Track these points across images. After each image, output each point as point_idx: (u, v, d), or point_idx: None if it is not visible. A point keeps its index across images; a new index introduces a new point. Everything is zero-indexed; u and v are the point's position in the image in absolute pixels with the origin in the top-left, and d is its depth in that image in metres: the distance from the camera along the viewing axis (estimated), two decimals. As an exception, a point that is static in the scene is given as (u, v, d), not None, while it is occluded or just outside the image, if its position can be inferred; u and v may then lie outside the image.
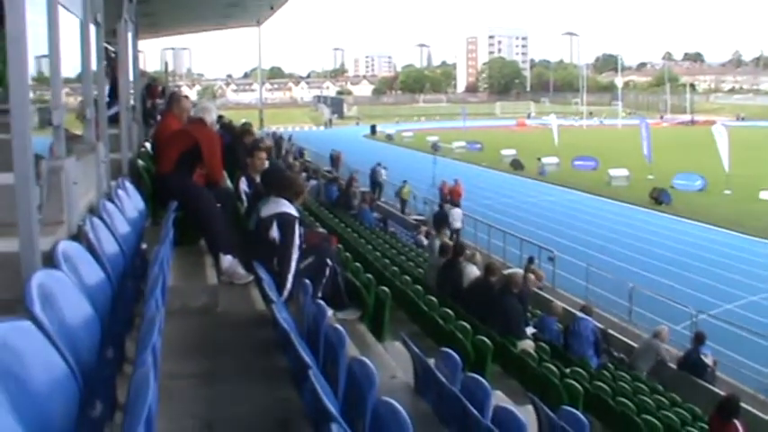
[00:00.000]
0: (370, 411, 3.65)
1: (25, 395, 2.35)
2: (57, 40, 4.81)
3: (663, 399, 14.11)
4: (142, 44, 25.25)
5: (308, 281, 6.45)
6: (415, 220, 37.92)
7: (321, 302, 5.54)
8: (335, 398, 4.00)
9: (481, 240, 32.27)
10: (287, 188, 8.15)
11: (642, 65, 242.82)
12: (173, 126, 9.32)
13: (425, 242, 28.24)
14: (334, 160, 55.37)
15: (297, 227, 7.88)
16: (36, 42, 4.86)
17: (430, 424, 5.63)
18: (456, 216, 36.02)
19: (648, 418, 11.21)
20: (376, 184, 45.77)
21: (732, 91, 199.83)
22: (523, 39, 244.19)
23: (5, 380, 2.26)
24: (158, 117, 14.04)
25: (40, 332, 2.74)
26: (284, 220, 7.82)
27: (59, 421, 2.58)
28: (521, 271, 17.69)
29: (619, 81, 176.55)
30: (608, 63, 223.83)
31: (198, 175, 8.80)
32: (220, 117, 21.40)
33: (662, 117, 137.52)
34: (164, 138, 9.18)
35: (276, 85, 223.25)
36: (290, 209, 7.94)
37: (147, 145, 11.87)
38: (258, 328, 6.10)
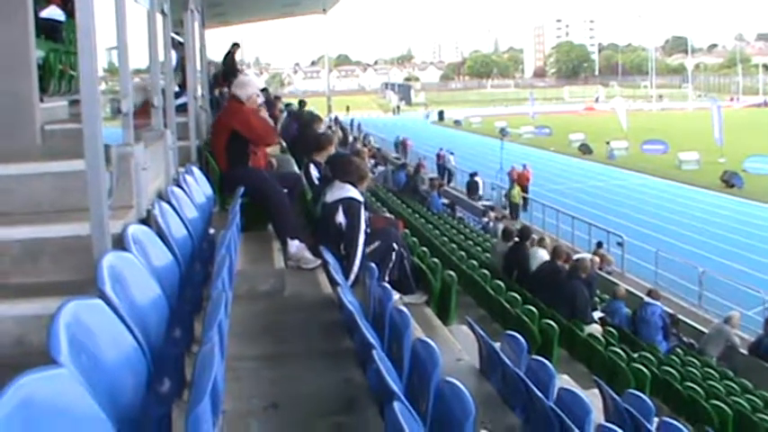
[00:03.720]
0: (434, 391, 3.69)
1: (97, 369, 2.45)
2: (124, 30, 4.92)
3: (733, 385, 13.92)
4: (211, 34, 25.55)
5: (374, 265, 6.49)
6: (484, 205, 37.88)
7: (387, 286, 5.58)
8: (400, 378, 4.05)
9: (549, 225, 32.05)
10: (351, 173, 8.22)
11: (713, 46, 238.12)
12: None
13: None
14: (401, 147, 55.51)
15: (362, 211, 7.95)
16: (108, 34, 5.01)
17: (495, 406, 5.66)
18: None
19: (717, 403, 11.10)
20: (444, 169, 45.83)
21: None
22: (591, 22, 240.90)
23: (78, 354, 2.36)
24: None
25: (111, 310, 2.84)
26: (349, 205, 7.89)
27: (129, 395, 2.68)
28: (589, 256, 17.67)
29: (689, 63, 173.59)
30: (677, 45, 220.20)
31: (255, 160, 8.94)
32: (288, 104, 21.83)
33: (732, 99, 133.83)
34: (212, 133, 9.37)
35: (344, 73, 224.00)
36: (354, 194, 8.00)
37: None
38: (325, 312, 6.16)
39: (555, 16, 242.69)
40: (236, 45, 22.90)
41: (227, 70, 19.57)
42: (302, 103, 23.64)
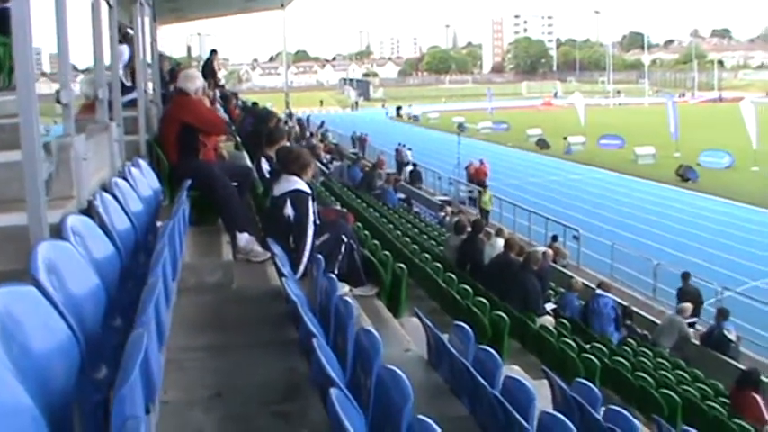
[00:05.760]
0: (375, 378, 3.73)
1: (26, 355, 2.45)
2: (64, 19, 4.89)
3: (685, 374, 14.13)
4: (167, 30, 25.64)
5: (322, 257, 6.51)
6: (441, 200, 37.92)
7: (333, 277, 5.61)
8: (343, 367, 4.09)
9: (507, 220, 32.26)
10: (292, 163, 8.18)
11: (669, 42, 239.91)
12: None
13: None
14: (358, 142, 55.54)
15: (310, 203, 7.94)
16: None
17: (442, 395, 5.70)
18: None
19: (667, 392, 11.25)
20: (402, 165, 45.94)
21: (761, 67, 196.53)
22: (549, 18, 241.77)
23: (8, 342, 2.36)
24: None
25: (44, 297, 2.84)
26: (297, 197, 7.88)
27: (60, 381, 2.67)
28: (541, 248, 17.82)
29: (645, 59, 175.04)
30: (634, 41, 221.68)
31: (205, 152, 8.94)
32: (252, 103, 22.19)
33: (683, 95, 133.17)
34: (161, 127, 9.35)
35: (302, 69, 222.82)
36: (302, 186, 7.99)
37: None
38: (272, 304, 6.17)
39: (513, 12, 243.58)
40: (214, 52, 24.72)
41: (205, 73, 20.44)
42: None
